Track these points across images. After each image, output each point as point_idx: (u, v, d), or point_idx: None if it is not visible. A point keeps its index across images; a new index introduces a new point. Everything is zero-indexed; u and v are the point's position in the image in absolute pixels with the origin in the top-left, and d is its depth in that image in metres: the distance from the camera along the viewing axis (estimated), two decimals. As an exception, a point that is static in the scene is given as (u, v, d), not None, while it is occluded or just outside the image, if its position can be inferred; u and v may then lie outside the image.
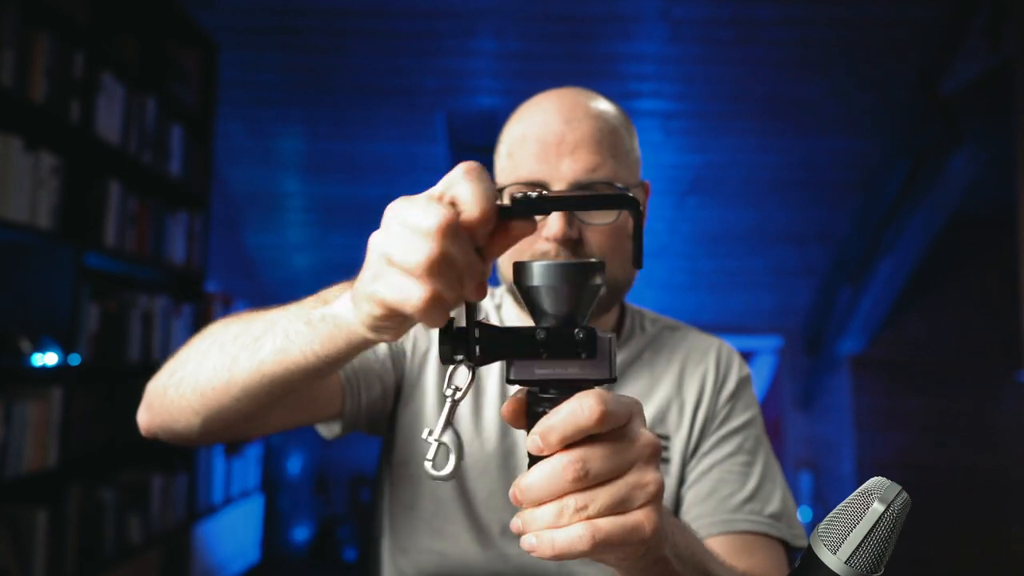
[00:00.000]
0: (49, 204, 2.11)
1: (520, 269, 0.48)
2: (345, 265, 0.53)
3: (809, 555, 0.49)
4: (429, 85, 3.68)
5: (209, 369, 0.63)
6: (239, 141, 4.02)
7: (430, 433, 0.48)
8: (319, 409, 0.83)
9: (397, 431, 0.91)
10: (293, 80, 3.71)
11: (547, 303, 0.47)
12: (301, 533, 4.90)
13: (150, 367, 2.87)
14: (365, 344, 0.54)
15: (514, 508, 0.84)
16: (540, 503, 0.44)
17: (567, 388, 0.45)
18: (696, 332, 0.99)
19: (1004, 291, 3.48)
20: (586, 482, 0.43)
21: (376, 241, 0.45)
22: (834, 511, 0.49)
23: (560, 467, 0.43)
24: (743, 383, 0.94)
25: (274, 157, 4.21)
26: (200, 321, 3.03)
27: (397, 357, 0.91)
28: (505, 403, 0.50)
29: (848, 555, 0.47)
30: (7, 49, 1.95)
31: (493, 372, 0.91)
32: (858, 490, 0.49)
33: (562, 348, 0.46)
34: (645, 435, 0.46)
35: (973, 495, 4.66)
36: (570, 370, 0.46)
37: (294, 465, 4.76)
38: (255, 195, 4.39)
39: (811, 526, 4.99)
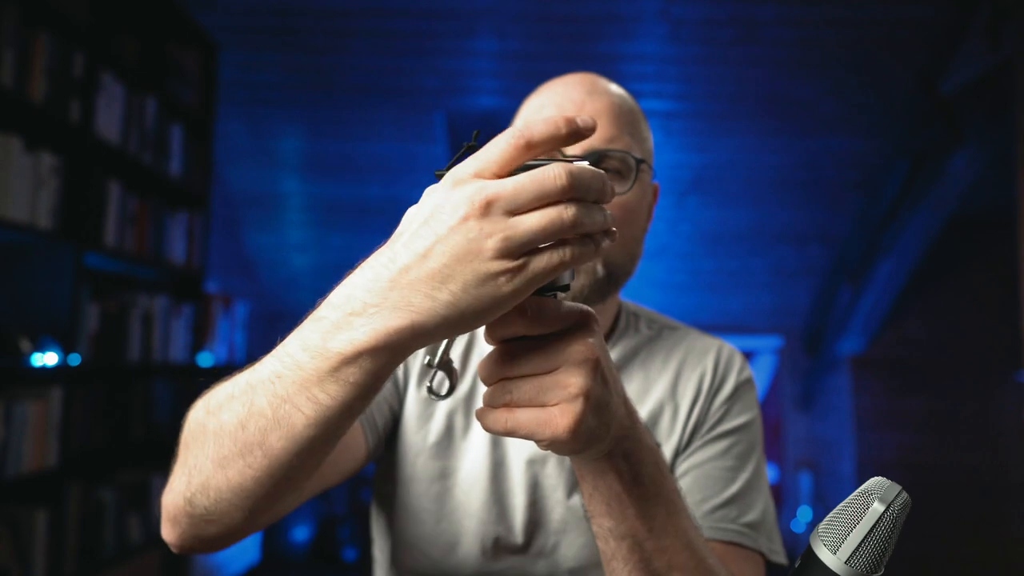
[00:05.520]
0: (49, 204, 2.11)
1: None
2: (345, 265, 0.51)
3: (809, 555, 0.49)
4: (429, 85, 3.68)
5: (238, 469, 0.55)
6: (239, 141, 4.02)
7: (430, 362, 0.52)
8: (353, 458, 0.80)
9: (398, 448, 0.89)
10: (293, 80, 3.71)
11: None
12: (301, 533, 4.90)
13: (150, 367, 2.87)
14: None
15: (504, 520, 0.84)
16: (488, 384, 0.51)
17: None
18: (696, 333, 0.95)
19: (1004, 291, 3.48)
20: (513, 371, 0.49)
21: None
22: (834, 511, 0.49)
23: (497, 355, 0.50)
24: (742, 387, 0.89)
25: (274, 157, 4.21)
26: (200, 321, 3.03)
27: (395, 380, 0.88)
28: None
29: (848, 555, 0.47)
30: (7, 49, 1.95)
31: (483, 385, 0.89)
32: (858, 490, 0.49)
33: None
34: (581, 345, 0.49)
35: (973, 495, 4.66)
36: None
37: (294, 465, 4.76)
38: (255, 195, 4.39)
39: (811, 526, 5.00)
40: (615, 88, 0.87)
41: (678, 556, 0.60)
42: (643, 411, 0.87)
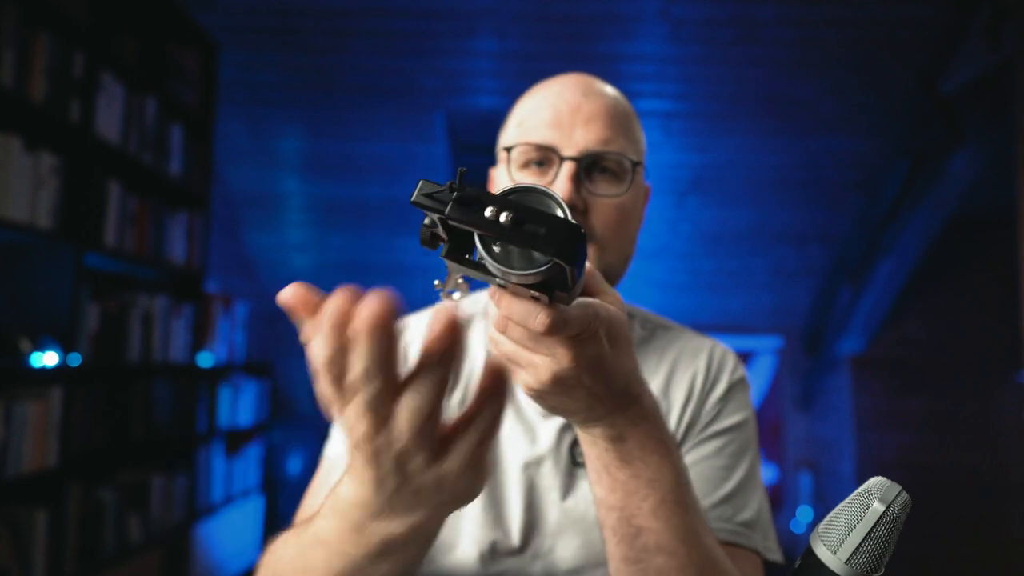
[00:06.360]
0: (49, 204, 2.11)
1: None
2: (345, 265, 0.51)
3: (809, 555, 0.49)
4: (429, 85, 3.68)
5: None
6: (239, 141, 4.02)
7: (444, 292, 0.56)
8: None
9: None
10: (293, 80, 3.71)
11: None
12: (301, 533, 4.89)
13: (150, 367, 2.87)
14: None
15: (500, 523, 0.84)
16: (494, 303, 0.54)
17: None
18: (690, 333, 0.95)
19: (1004, 291, 3.48)
20: (504, 331, 0.54)
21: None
22: (834, 511, 0.49)
23: (501, 315, 0.53)
24: (735, 386, 0.89)
25: (274, 157, 4.21)
26: (200, 321, 3.03)
27: None
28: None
29: (848, 555, 0.47)
30: (7, 49, 1.95)
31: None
32: (858, 490, 0.49)
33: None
34: (568, 352, 0.52)
35: (973, 495, 4.66)
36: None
37: (294, 465, 4.76)
38: (255, 195, 4.39)
39: (811, 526, 4.99)
40: (610, 89, 0.87)
41: (667, 541, 0.61)
42: None
